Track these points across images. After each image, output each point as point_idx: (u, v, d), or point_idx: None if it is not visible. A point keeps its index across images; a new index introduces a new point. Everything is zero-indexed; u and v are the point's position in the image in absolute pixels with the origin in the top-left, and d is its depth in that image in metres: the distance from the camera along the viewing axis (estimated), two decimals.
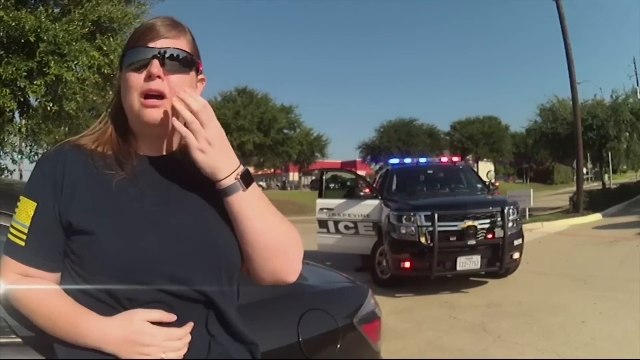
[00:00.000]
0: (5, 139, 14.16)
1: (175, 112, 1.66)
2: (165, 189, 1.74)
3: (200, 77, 1.85)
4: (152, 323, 1.57)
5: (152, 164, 1.78)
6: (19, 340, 2.01)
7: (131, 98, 1.68)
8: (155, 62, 1.66)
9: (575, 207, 26.13)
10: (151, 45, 1.69)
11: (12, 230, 1.71)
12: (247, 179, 1.70)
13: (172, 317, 1.60)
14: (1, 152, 14.95)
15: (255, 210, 1.71)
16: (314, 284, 3.31)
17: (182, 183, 1.74)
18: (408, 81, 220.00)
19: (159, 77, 1.65)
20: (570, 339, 7.33)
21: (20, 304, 1.69)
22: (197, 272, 1.64)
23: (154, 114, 1.67)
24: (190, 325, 1.62)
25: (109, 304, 1.60)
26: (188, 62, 1.75)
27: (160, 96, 1.67)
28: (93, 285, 1.60)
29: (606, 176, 39.89)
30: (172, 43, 1.71)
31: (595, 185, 46.78)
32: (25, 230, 1.67)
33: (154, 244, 1.61)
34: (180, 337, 1.59)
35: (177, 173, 1.75)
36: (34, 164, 1.83)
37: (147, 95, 1.66)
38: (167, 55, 1.68)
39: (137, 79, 1.67)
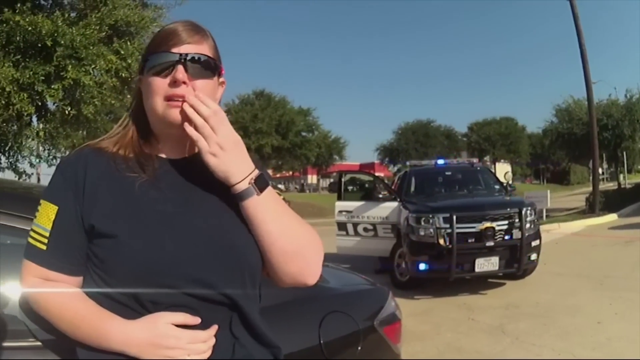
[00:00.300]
0: (24, 143, 14.20)
1: (188, 117, 1.66)
2: (187, 192, 1.73)
3: (220, 80, 1.85)
4: (177, 326, 1.56)
5: (174, 166, 1.78)
6: (39, 343, 2.02)
7: (155, 102, 1.69)
8: (180, 67, 1.66)
9: (591, 208, 26.05)
10: (175, 50, 1.69)
11: (32, 234, 1.71)
12: (261, 184, 1.70)
13: (197, 320, 1.59)
14: (19, 156, 15.00)
15: (270, 214, 1.71)
16: (335, 287, 3.30)
17: (203, 185, 1.74)
18: (426, 82, 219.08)
19: (184, 82, 1.66)
20: (586, 340, 7.34)
21: (42, 308, 1.68)
22: (220, 274, 1.64)
23: (179, 113, 1.66)
24: (214, 328, 1.61)
25: (132, 308, 1.60)
26: (211, 67, 1.76)
27: (185, 100, 1.66)
28: (116, 288, 1.60)
29: (621, 176, 39.69)
30: (195, 48, 1.71)
31: (611, 185, 46.52)
32: (47, 234, 1.67)
33: (176, 246, 1.61)
34: (205, 340, 1.58)
35: (198, 175, 1.73)
36: (52, 167, 1.85)
37: (171, 99, 1.66)
38: (191, 61, 1.69)
39: (161, 84, 1.68)
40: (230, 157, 1.66)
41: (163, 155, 1.81)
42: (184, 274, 1.59)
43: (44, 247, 1.67)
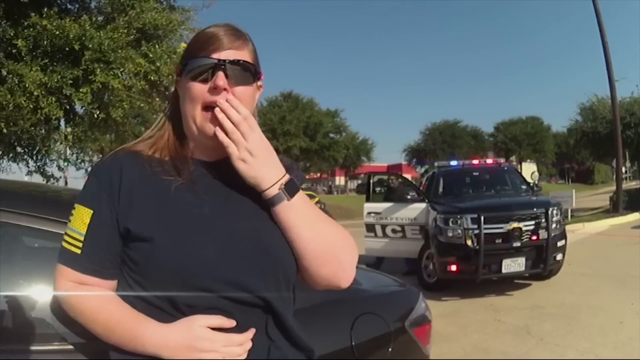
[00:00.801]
0: (52, 146, 14.29)
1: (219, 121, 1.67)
2: (223, 194, 1.74)
3: (258, 84, 1.85)
4: (212, 329, 1.58)
5: (209, 169, 1.79)
6: (70, 347, 2.06)
7: (193, 108, 1.70)
8: (221, 74, 1.65)
9: (615, 207, 25.88)
10: (215, 55, 1.68)
11: (66, 238, 1.72)
12: (291, 189, 1.71)
13: (232, 323, 1.61)
14: (47, 160, 15.09)
15: (301, 219, 1.72)
16: (367, 288, 3.33)
17: (238, 188, 1.74)
18: (452, 82, 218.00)
19: (224, 89, 1.66)
20: (608, 340, 7.37)
21: (77, 312, 1.70)
22: (256, 277, 1.64)
23: (215, 129, 1.67)
24: (252, 332, 1.63)
25: (167, 312, 1.62)
26: (252, 73, 1.75)
27: None
28: (151, 292, 1.62)
29: None
30: (236, 54, 1.71)
31: (634, 184, 46.04)
32: (82, 238, 1.69)
33: (212, 250, 1.61)
34: (241, 343, 1.60)
35: (233, 178, 1.73)
36: (80, 171, 1.87)
37: (210, 106, 1.67)
38: (232, 67, 1.68)
39: (200, 90, 1.68)
40: (260, 163, 1.67)
41: (198, 157, 1.80)
42: (220, 277, 1.60)
43: (79, 251, 1.69)
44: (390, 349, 2.98)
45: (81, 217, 1.70)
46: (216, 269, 1.61)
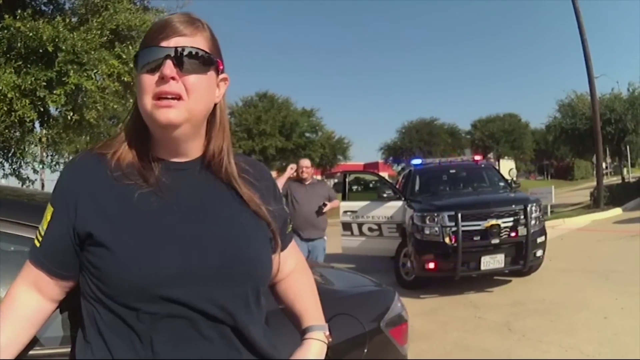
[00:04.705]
0: (26, 149, 14.12)
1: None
2: (190, 199, 1.67)
3: (221, 77, 1.76)
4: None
5: (176, 172, 1.71)
6: (48, 351, 1.99)
7: (144, 101, 1.60)
8: (168, 62, 1.57)
9: (595, 203, 26.01)
10: (164, 44, 1.60)
11: (37, 232, 1.71)
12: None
13: None
14: (22, 163, 14.94)
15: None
16: (341, 289, 3.30)
17: (208, 192, 1.70)
18: (429, 81, 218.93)
19: (172, 78, 1.57)
20: (593, 335, 7.37)
21: None
22: (222, 288, 1.60)
23: (167, 114, 1.57)
24: None
25: (127, 320, 1.56)
26: (206, 61, 1.65)
27: (177, 98, 1.58)
28: (115, 300, 1.56)
29: (625, 170, 39.71)
30: (188, 41, 1.62)
31: (615, 179, 46.46)
32: (42, 233, 1.68)
33: (176, 259, 1.56)
34: None
35: (202, 181, 1.70)
36: (56, 173, 1.82)
37: (161, 97, 1.57)
38: (182, 55, 1.59)
39: (150, 81, 1.59)
40: None
41: (166, 158, 1.72)
42: (183, 288, 1.55)
43: (38, 245, 1.68)
44: (365, 350, 2.93)
45: (46, 214, 1.69)
46: (178, 277, 1.54)
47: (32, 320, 1.67)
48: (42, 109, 12.38)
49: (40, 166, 16.14)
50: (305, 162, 9.82)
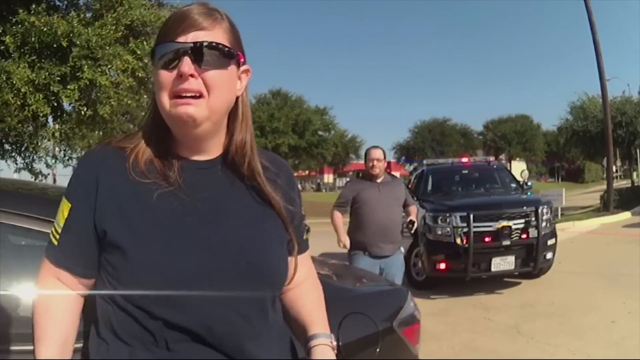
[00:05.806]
0: (39, 143, 14.21)
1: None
2: (210, 200, 1.63)
3: (243, 68, 1.69)
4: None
5: (197, 171, 1.66)
6: None
7: (162, 98, 1.55)
8: (187, 59, 1.51)
9: (605, 206, 25.93)
10: (182, 39, 1.54)
11: (52, 229, 1.67)
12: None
13: None
14: (35, 157, 15.01)
15: None
16: (355, 287, 3.31)
17: (229, 192, 1.67)
18: (442, 81, 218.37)
19: (191, 75, 1.51)
20: (600, 339, 7.34)
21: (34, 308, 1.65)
22: (239, 291, 1.57)
23: (187, 110, 1.52)
24: None
25: (141, 320, 1.54)
26: (226, 55, 1.58)
27: (197, 95, 1.53)
28: (129, 301, 1.54)
29: (635, 174, 39.53)
30: (206, 35, 1.55)
31: (624, 183, 46.19)
32: (59, 230, 1.63)
33: (192, 262, 1.54)
34: None
35: (223, 180, 1.67)
36: (68, 168, 1.81)
37: (180, 95, 1.52)
38: (200, 51, 1.53)
39: (168, 78, 1.54)
40: None
41: (186, 156, 1.67)
42: (199, 289, 1.51)
43: (56, 243, 1.64)
44: (378, 349, 2.94)
45: (62, 210, 1.64)
46: (193, 280, 1.52)
47: (77, 313, 1.67)
48: (55, 104, 12.39)
49: (53, 161, 16.22)
50: (377, 154, 7.41)
